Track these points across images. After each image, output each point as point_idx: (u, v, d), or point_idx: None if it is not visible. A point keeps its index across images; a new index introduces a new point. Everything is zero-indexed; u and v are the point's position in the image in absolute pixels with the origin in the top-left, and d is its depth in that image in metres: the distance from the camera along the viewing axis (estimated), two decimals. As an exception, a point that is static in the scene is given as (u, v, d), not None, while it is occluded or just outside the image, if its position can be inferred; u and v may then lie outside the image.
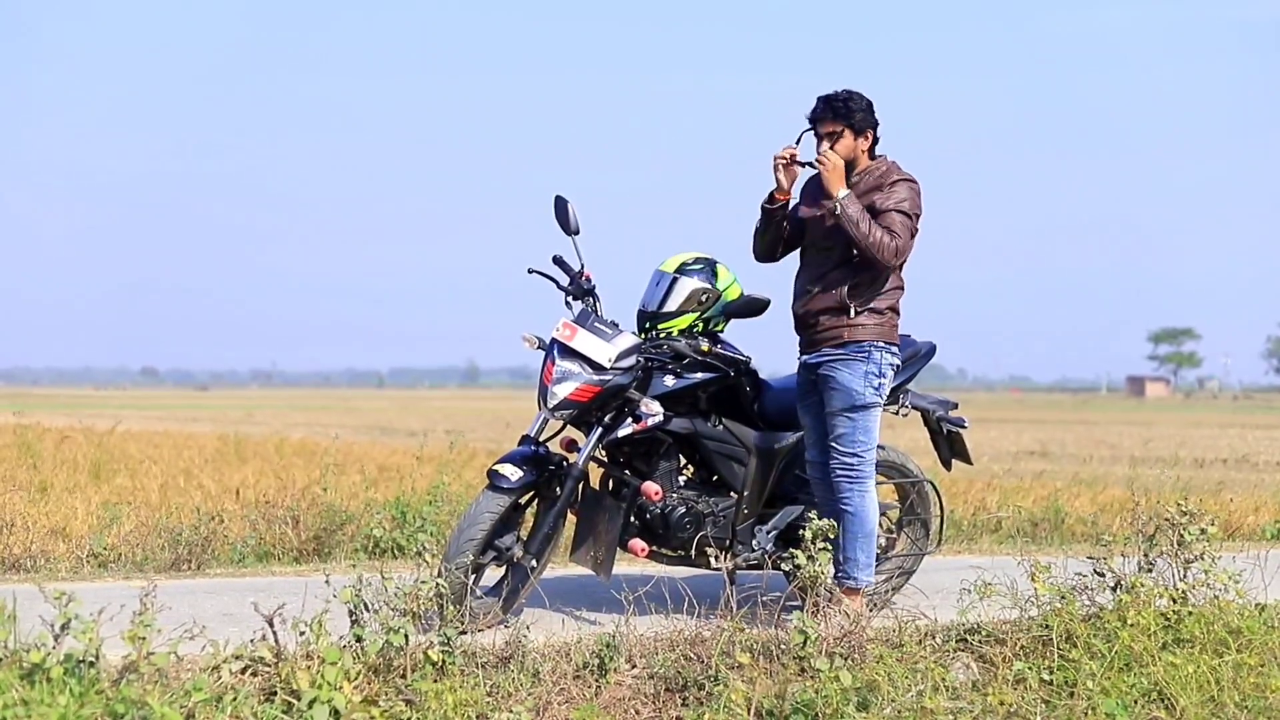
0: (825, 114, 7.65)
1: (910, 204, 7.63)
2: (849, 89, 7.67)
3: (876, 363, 7.70)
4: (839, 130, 7.63)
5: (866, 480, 7.78)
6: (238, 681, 5.89)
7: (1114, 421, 58.52)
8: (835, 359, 7.70)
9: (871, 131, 7.72)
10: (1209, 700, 6.69)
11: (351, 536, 11.00)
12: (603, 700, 6.39)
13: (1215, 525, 7.77)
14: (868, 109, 7.68)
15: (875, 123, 7.73)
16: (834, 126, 7.63)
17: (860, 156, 7.71)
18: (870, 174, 7.69)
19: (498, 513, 7.41)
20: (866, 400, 7.70)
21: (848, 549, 7.78)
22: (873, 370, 7.69)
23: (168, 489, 14.93)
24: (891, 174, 7.68)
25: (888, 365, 7.75)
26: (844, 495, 7.77)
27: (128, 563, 10.11)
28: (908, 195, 7.64)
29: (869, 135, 7.71)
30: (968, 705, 6.48)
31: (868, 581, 7.83)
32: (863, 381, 7.68)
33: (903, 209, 7.60)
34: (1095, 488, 17.18)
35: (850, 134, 7.65)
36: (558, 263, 8.04)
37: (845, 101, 7.63)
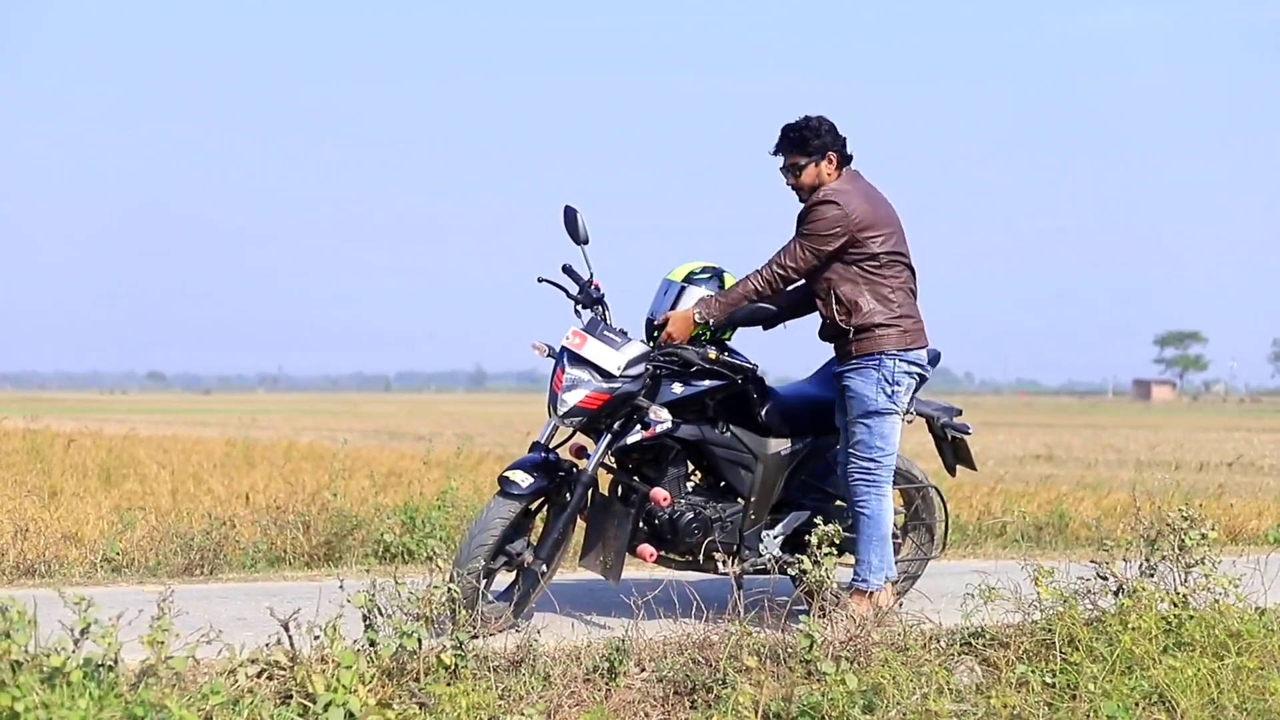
0: (784, 147, 7.96)
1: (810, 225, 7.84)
2: (807, 117, 7.94)
3: (889, 370, 7.85)
4: (799, 161, 7.91)
5: (882, 485, 7.91)
6: (254, 685, 5.98)
7: (1120, 425, 58.57)
8: (851, 369, 7.88)
9: (834, 154, 7.93)
10: (1209, 703, 6.76)
11: (362, 541, 11.10)
12: (612, 703, 6.47)
13: (1216, 530, 7.84)
14: (825, 134, 7.90)
15: (832, 145, 7.93)
16: (794, 159, 7.92)
17: (825, 179, 7.92)
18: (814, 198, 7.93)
19: (508, 518, 7.49)
20: (879, 407, 7.84)
21: (861, 551, 7.90)
22: (885, 378, 7.84)
23: (178, 494, 15.01)
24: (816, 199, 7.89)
25: (901, 372, 7.88)
26: (860, 499, 7.90)
27: (141, 568, 10.20)
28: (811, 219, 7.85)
29: (831, 158, 7.92)
30: (971, 708, 6.58)
31: (878, 585, 7.91)
32: (875, 389, 7.84)
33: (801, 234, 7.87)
34: (1100, 492, 17.26)
35: (811, 163, 7.90)
36: (567, 271, 8.12)
37: (800, 132, 7.89)
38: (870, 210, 7.87)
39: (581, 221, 7.97)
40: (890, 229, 7.93)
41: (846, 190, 7.87)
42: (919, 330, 8.00)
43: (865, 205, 7.86)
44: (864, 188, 7.97)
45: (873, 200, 7.93)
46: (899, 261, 7.96)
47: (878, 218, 7.89)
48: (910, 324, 7.94)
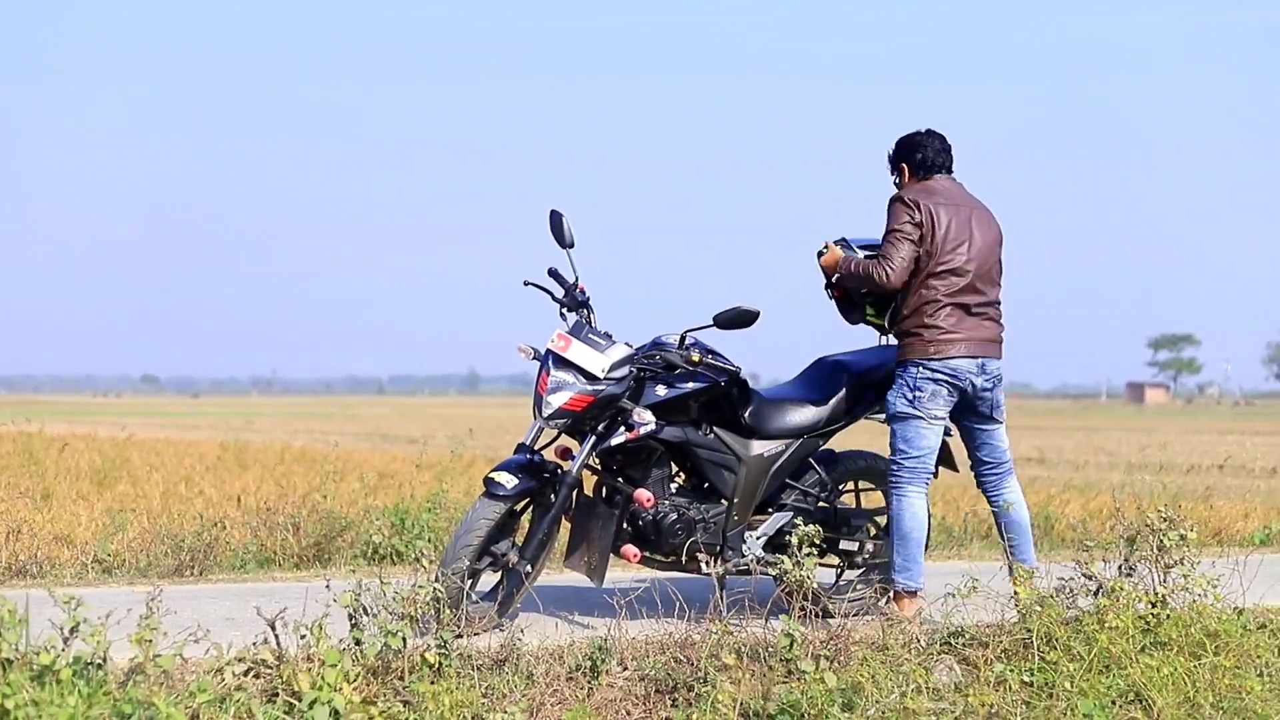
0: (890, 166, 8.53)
1: (891, 221, 8.16)
2: (900, 137, 8.44)
3: (912, 377, 8.10)
4: (891, 175, 8.49)
5: (904, 486, 8.14)
6: (241, 683, 6.04)
7: (1113, 428, 58.60)
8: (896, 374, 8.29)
9: (906, 165, 8.36)
10: (1185, 701, 6.84)
11: (351, 543, 11.17)
12: (594, 701, 6.53)
13: (1195, 531, 7.91)
14: (898, 149, 8.42)
15: (905, 159, 8.38)
16: (892, 176, 8.49)
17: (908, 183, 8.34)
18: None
19: (494, 519, 7.57)
20: (898, 410, 8.14)
21: (890, 552, 8.20)
22: (906, 384, 8.11)
23: (169, 496, 15.06)
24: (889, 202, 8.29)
25: (924, 379, 8.08)
26: (888, 500, 8.28)
27: (131, 569, 10.27)
28: (890, 214, 8.19)
29: (903, 169, 8.36)
30: (950, 706, 6.66)
31: (904, 585, 8.09)
32: (896, 394, 8.16)
33: (888, 228, 8.16)
34: (1088, 494, 17.28)
35: (894, 176, 8.42)
36: (553, 275, 8.20)
37: (891, 152, 8.46)
38: (931, 216, 8.14)
39: (567, 225, 8.06)
40: (943, 238, 8.13)
41: (921, 190, 8.24)
42: (947, 340, 8.12)
43: (932, 206, 8.16)
44: (944, 193, 8.26)
45: (939, 209, 8.17)
46: (948, 273, 8.13)
47: (935, 224, 8.13)
48: (937, 334, 8.11)
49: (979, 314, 8.22)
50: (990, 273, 8.29)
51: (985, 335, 8.23)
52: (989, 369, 8.25)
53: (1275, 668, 7.42)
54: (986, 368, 8.24)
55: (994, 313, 8.32)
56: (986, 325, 8.25)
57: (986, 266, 8.25)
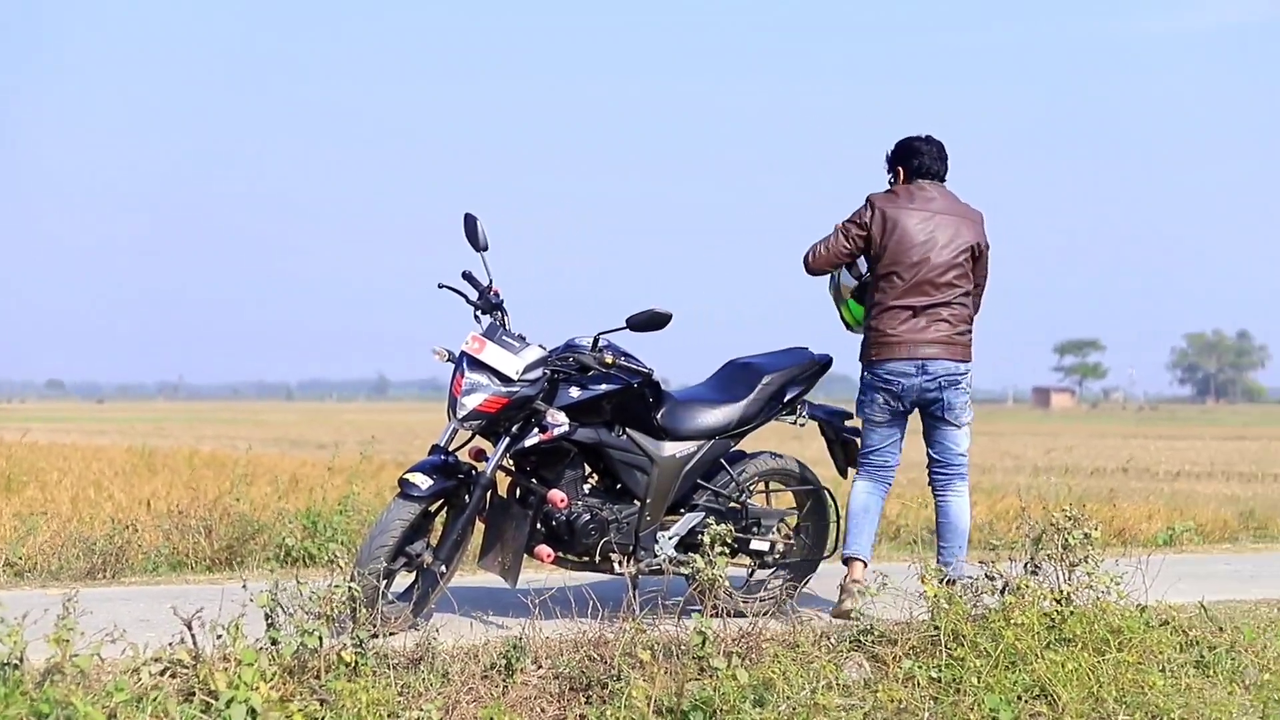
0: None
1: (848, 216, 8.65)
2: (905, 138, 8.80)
3: (861, 380, 8.62)
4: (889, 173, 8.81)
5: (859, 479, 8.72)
6: (157, 683, 6.06)
7: (1019, 432, 58.92)
8: None
9: (903, 168, 8.69)
10: (1089, 696, 6.99)
11: (264, 546, 11.16)
12: (510, 699, 6.59)
13: (1099, 530, 8.06)
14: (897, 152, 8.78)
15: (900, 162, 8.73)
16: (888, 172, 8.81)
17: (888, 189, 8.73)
18: None
19: (408, 520, 7.61)
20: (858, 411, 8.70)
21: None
22: (860, 385, 8.65)
23: (79, 500, 14.97)
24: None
25: (865, 384, 8.58)
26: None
27: (44, 571, 10.23)
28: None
29: (899, 172, 8.69)
30: (859, 702, 6.79)
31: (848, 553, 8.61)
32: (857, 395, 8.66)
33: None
34: (994, 496, 17.48)
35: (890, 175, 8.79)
36: (467, 278, 8.25)
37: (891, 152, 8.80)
38: (888, 217, 8.48)
39: (481, 229, 8.12)
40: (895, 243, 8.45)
41: (888, 196, 8.60)
42: (884, 344, 8.47)
43: (892, 212, 8.50)
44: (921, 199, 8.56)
45: (913, 214, 8.49)
46: (894, 275, 8.43)
47: (889, 229, 8.47)
48: (877, 337, 8.48)
49: (926, 315, 8.44)
50: (947, 275, 8.46)
51: (929, 337, 8.44)
52: (931, 369, 8.47)
53: (1177, 663, 7.60)
54: (928, 368, 8.46)
55: (946, 313, 8.47)
56: (933, 327, 8.45)
57: (939, 271, 8.43)
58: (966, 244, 8.52)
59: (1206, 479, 26.72)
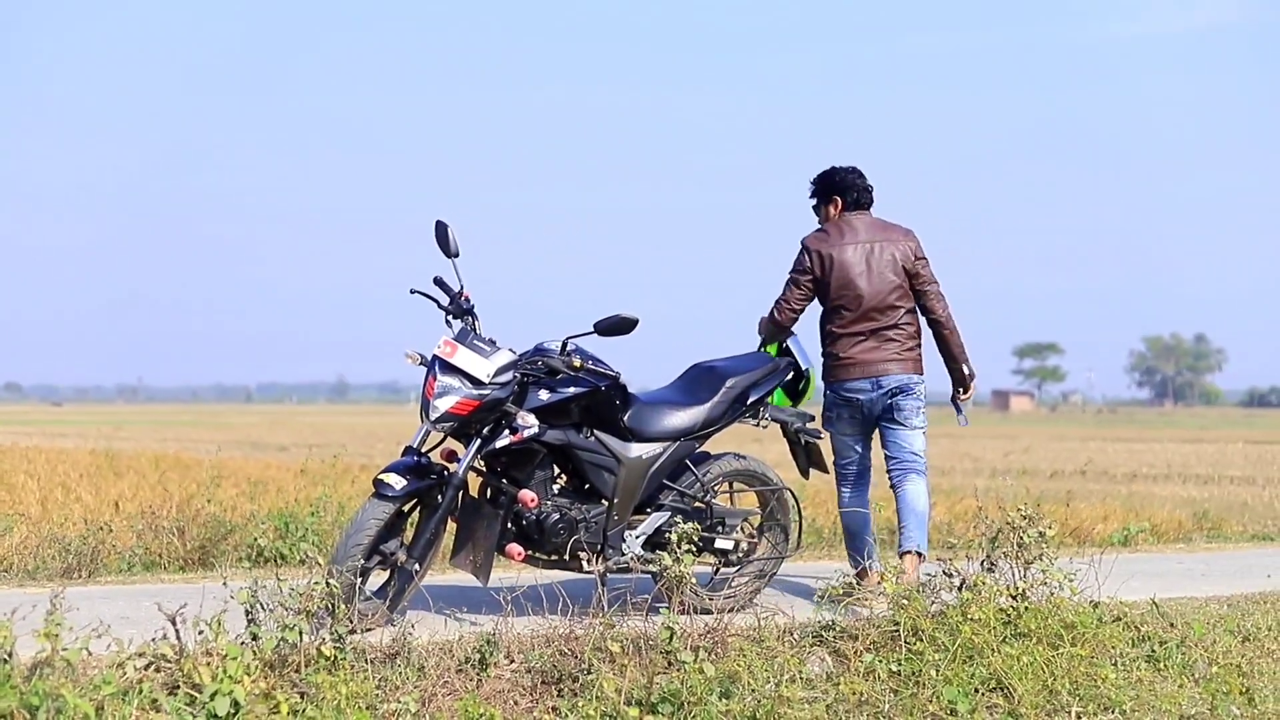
0: (811, 193, 9.36)
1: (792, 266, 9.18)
2: (829, 168, 9.32)
3: (825, 399, 9.34)
4: (816, 203, 9.33)
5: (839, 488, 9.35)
6: (143, 677, 6.22)
7: (978, 435, 59.13)
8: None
9: (839, 197, 9.19)
10: (1044, 689, 7.22)
11: (236, 546, 11.31)
12: (484, 692, 6.78)
13: (1054, 529, 8.29)
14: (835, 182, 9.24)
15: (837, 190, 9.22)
16: (813, 201, 9.36)
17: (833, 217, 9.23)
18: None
19: (383, 519, 7.77)
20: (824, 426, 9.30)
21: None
22: (824, 404, 9.36)
23: (47, 502, 15.06)
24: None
25: (830, 401, 9.29)
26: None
27: (20, 571, 10.35)
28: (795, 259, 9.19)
29: (836, 203, 9.19)
30: (822, 694, 7.00)
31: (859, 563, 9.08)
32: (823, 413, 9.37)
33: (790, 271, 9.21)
34: (953, 497, 17.70)
35: (821, 205, 9.31)
36: (438, 283, 8.40)
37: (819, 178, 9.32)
38: (828, 257, 9.02)
39: (453, 236, 8.29)
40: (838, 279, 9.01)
41: (816, 234, 9.15)
42: (843, 366, 9.09)
43: (829, 251, 9.03)
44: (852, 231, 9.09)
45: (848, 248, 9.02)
46: (841, 308, 9.03)
47: (830, 267, 9.02)
48: (834, 362, 9.12)
49: (876, 337, 9.03)
50: (888, 299, 9.01)
51: (880, 357, 9.03)
52: (885, 383, 9.03)
53: (1129, 657, 7.83)
54: (882, 383, 9.03)
55: (894, 334, 9.07)
56: (884, 347, 9.04)
57: (881, 296, 9.00)
58: (899, 265, 9.05)
59: (1163, 481, 27.02)
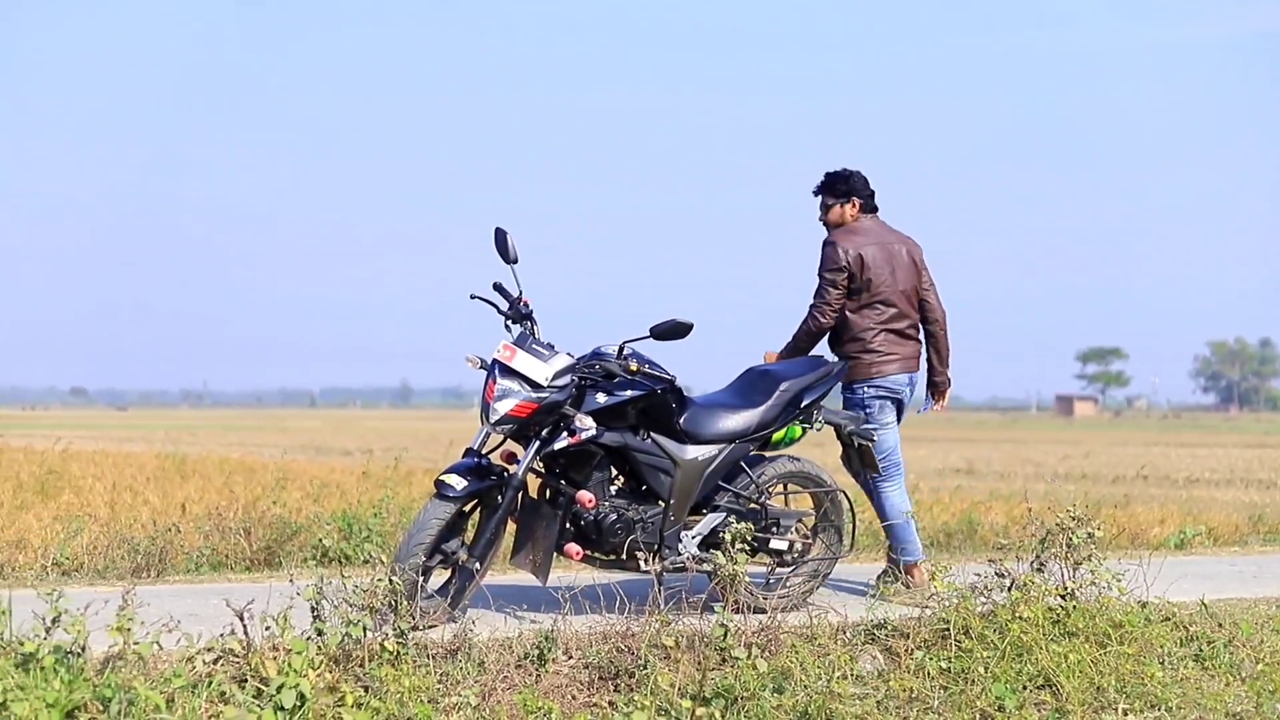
0: (820, 188, 9.60)
1: (821, 266, 9.34)
2: (844, 169, 9.48)
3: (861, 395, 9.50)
4: (828, 201, 9.49)
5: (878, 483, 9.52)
6: (211, 671, 6.43)
7: (1041, 440, 59.01)
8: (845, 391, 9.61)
9: (858, 199, 9.44)
10: (1091, 686, 7.34)
11: (301, 546, 11.49)
12: (543, 687, 6.96)
13: (1103, 531, 8.41)
14: (853, 183, 9.46)
15: (856, 193, 9.46)
16: (825, 198, 9.58)
17: (847, 219, 9.43)
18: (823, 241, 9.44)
19: (444, 519, 7.95)
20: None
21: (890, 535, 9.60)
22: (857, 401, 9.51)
23: (115, 505, 15.30)
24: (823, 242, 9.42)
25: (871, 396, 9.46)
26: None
27: (90, 571, 10.56)
28: (821, 259, 9.36)
29: (854, 203, 9.43)
30: (873, 690, 7.16)
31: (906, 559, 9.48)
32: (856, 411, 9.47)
33: (821, 270, 9.34)
34: (1011, 501, 17.71)
35: (836, 204, 9.44)
36: (498, 289, 8.57)
37: (833, 177, 9.56)
38: (860, 255, 9.25)
39: (511, 242, 8.46)
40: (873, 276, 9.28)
41: (847, 233, 9.33)
42: (885, 361, 9.34)
43: (859, 250, 9.26)
44: (873, 231, 9.38)
45: (871, 245, 9.29)
46: (878, 303, 9.29)
47: (867, 263, 9.25)
48: (877, 357, 9.32)
49: (907, 335, 9.38)
50: (912, 298, 9.40)
51: (910, 353, 9.41)
52: (913, 380, 9.43)
53: (1176, 656, 7.96)
54: (912, 380, 9.43)
55: (915, 332, 9.45)
56: (911, 344, 9.42)
57: (908, 295, 9.39)
58: (913, 267, 9.46)
59: (1224, 486, 26.92)
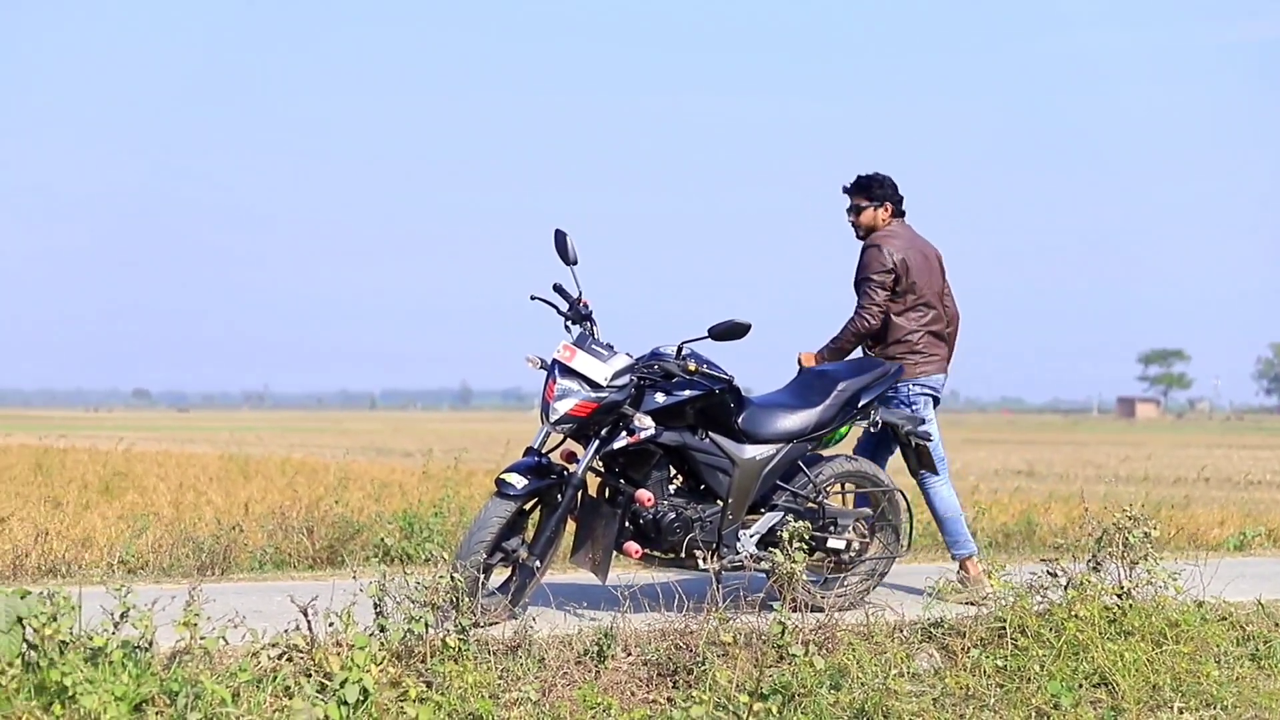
0: (853, 189, 9.68)
1: (866, 268, 9.42)
2: (877, 173, 9.57)
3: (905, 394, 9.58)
4: (861, 204, 9.57)
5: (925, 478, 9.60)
6: (275, 666, 6.54)
7: (1103, 442, 58.80)
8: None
9: (890, 204, 9.55)
10: (1146, 684, 7.39)
11: (363, 546, 11.61)
12: (602, 683, 7.04)
13: (1159, 531, 8.44)
14: (886, 187, 9.56)
15: (889, 197, 9.57)
16: (858, 200, 9.58)
17: (879, 223, 9.53)
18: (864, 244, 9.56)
19: (505, 517, 8.04)
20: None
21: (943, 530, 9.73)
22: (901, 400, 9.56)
23: (179, 504, 15.48)
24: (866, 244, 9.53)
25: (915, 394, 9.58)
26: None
27: (155, 569, 10.70)
28: (865, 262, 9.45)
29: (887, 207, 9.54)
30: (929, 688, 7.21)
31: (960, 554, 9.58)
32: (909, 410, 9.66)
33: (865, 274, 9.41)
34: (1070, 503, 17.69)
35: (870, 207, 9.53)
36: (558, 290, 8.65)
37: (869, 180, 9.65)
38: (905, 259, 9.39)
39: (571, 244, 8.54)
40: (916, 278, 9.44)
41: (889, 236, 9.44)
42: (928, 361, 9.48)
43: (903, 254, 9.40)
44: (908, 236, 9.52)
45: (910, 250, 9.45)
46: (921, 305, 9.46)
47: (910, 266, 9.40)
48: (921, 358, 9.44)
49: (941, 337, 9.58)
50: (941, 302, 9.60)
51: (945, 354, 9.63)
52: (945, 380, 9.66)
53: (1232, 655, 7.98)
54: (945, 379, 9.65)
55: (946, 334, 9.63)
56: (945, 346, 9.62)
57: (941, 297, 9.60)
58: (941, 270, 9.67)
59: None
